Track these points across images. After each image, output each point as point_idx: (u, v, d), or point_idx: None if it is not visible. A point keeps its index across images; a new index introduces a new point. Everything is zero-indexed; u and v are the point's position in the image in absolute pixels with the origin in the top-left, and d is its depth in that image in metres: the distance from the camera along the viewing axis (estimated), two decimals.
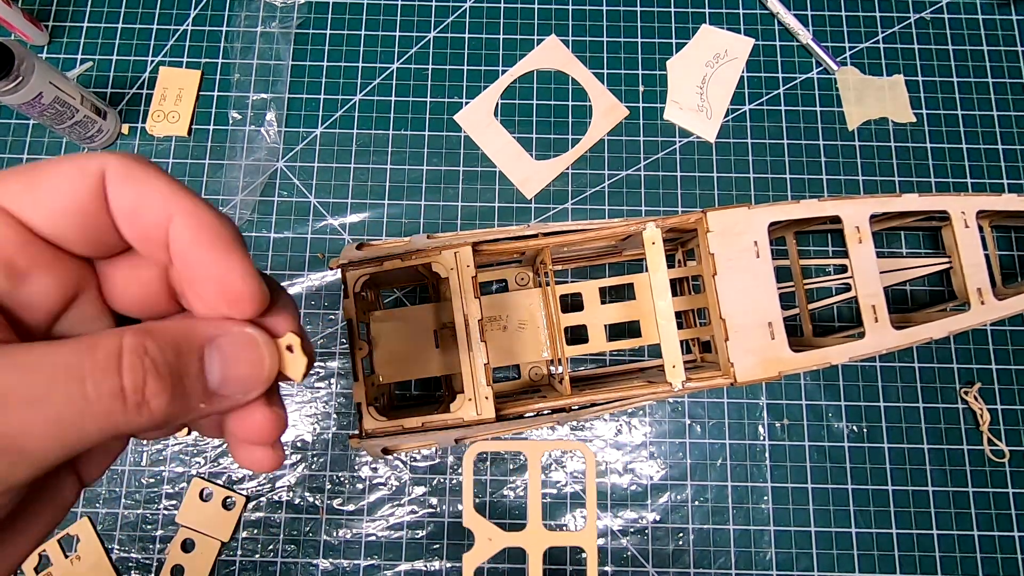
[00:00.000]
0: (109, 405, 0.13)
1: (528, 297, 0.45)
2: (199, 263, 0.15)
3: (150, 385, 0.14)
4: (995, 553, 0.45)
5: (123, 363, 0.14)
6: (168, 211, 0.15)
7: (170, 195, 0.15)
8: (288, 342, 0.17)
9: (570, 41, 0.53)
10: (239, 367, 0.16)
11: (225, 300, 0.16)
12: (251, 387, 0.16)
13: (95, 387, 0.13)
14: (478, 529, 0.22)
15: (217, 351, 0.16)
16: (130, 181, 0.15)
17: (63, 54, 0.52)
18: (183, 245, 0.15)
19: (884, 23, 0.53)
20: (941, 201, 0.39)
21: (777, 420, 0.47)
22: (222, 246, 0.16)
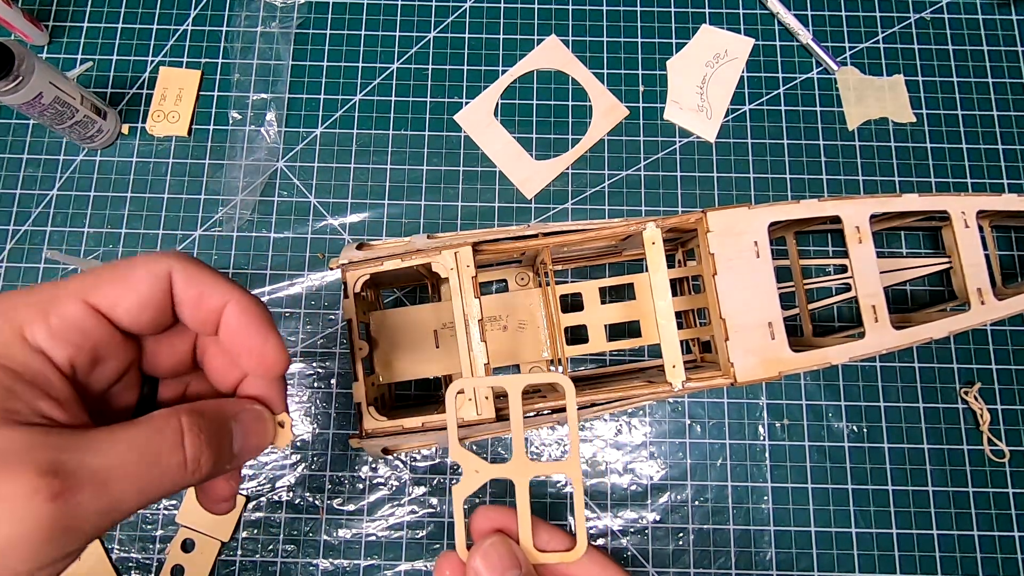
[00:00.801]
0: (175, 471, 0.18)
1: (528, 297, 0.45)
2: (245, 338, 0.21)
3: (204, 455, 0.19)
4: (995, 553, 0.45)
5: (185, 441, 0.19)
6: (224, 300, 0.21)
7: (225, 288, 0.21)
8: (281, 419, 0.23)
9: (570, 41, 0.53)
10: (253, 437, 0.22)
11: (262, 368, 0.21)
12: (258, 451, 0.22)
13: (167, 461, 0.18)
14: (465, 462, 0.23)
15: (239, 424, 0.21)
16: (193, 279, 0.20)
17: (63, 54, 0.52)
18: (235, 326, 0.21)
19: (884, 23, 0.53)
20: (941, 201, 0.39)
21: (777, 420, 0.47)
22: (264, 327, 0.21)
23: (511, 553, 0.22)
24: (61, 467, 0.16)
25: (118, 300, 0.19)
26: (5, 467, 0.15)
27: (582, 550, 0.23)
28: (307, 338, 0.48)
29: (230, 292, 0.21)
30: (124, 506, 0.17)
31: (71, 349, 0.18)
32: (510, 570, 0.22)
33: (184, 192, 0.50)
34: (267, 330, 0.21)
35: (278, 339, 0.21)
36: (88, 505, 0.16)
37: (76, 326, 0.18)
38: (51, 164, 0.50)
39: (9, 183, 0.50)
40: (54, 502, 0.15)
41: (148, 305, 0.20)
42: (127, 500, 0.17)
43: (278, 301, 0.48)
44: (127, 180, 0.50)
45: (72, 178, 0.50)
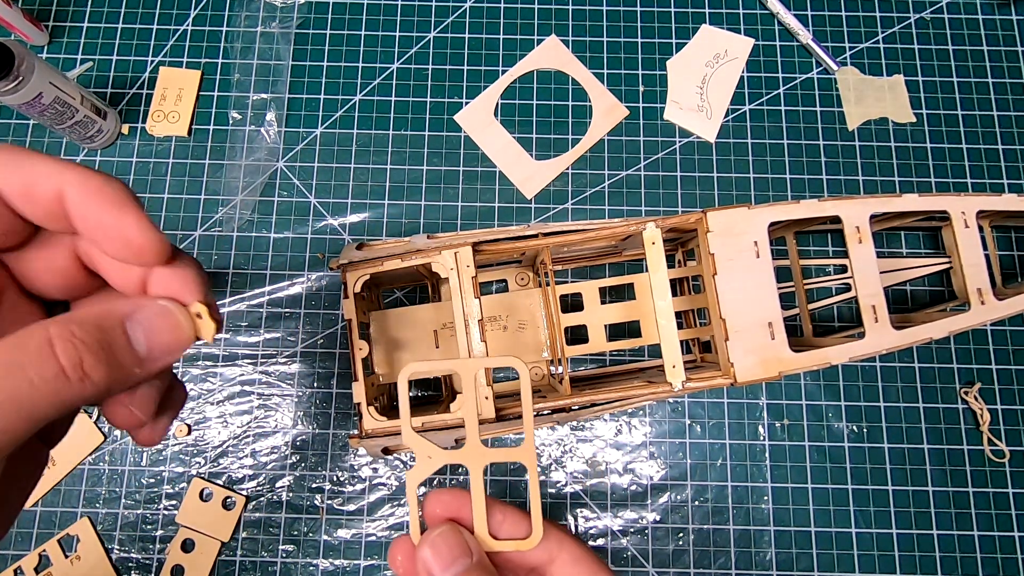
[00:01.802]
0: (56, 385, 0.16)
1: (528, 297, 0.45)
2: (97, 223, 0.17)
3: (86, 360, 0.16)
4: (995, 553, 0.45)
5: (56, 348, 0.16)
6: (58, 182, 0.17)
7: (56, 169, 0.17)
8: (196, 310, 0.20)
9: (570, 41, 0.53)
10: (160, 335, 0.19)
11: (129, 253, 0.18)
12: (175, 348, 0.19)
13: (37, 373, 0.16)
14: (418, 448, 0.23)
15: (138, 324, 0.18)
16: (14, 166, 0.17)
17: (63, 54, 0.52)
18: (78, 209, 0.17)
19: (884, 23, 0.53)
20: (941, 201, 0.39)
21: (777, 420, 0.47)
22: (114, 203, 0.17)
23: (461, 542, 0.22)
24: None
25: None
26: None
27: (537, 538, 0.22)
28: (307, 338, 0.48)
29: (64, 172, 0.17)
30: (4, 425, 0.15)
31: None
32: (460, 559, 0.21)
33: (184, 192, 0.50)
34: (120, 206, 0.18)
35: (140, 216, 0.18)
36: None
37: None
38: None
39: None
40: None
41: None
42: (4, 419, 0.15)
43: (278, 301, 0.48)
44: (127, 180, 0.50)
45: None
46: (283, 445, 0.47)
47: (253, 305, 0.48)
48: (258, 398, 0.47)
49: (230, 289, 0.48)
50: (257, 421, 0.47)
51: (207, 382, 0.47)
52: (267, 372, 0.48)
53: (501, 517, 0.23)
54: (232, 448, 0.47)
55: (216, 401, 0.47)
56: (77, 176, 0.17)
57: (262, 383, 0.47)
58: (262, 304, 0.48)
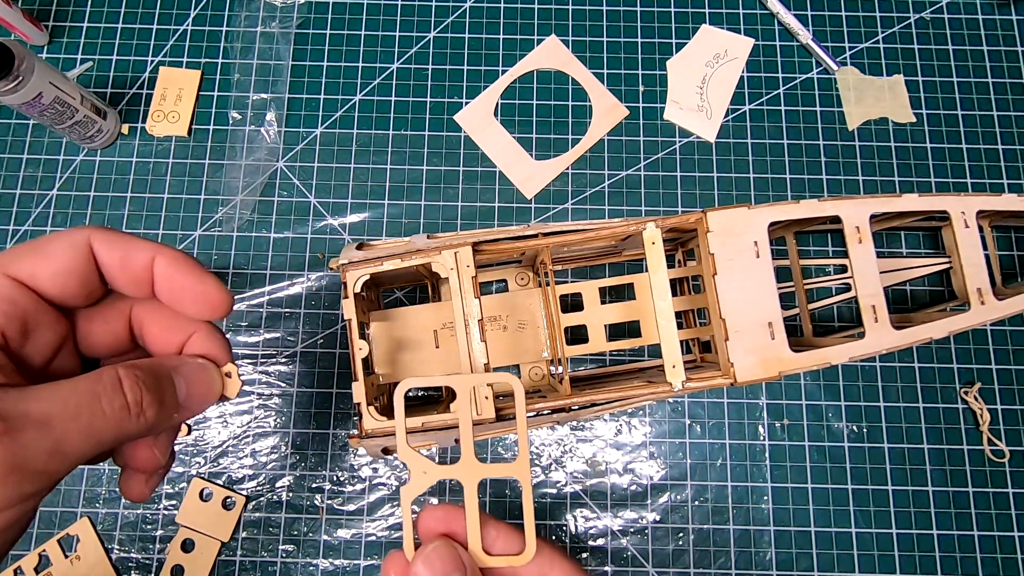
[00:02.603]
0: (120, 415, 0.19)
1: (528, 297, 0.45)
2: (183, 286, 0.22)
3: (145, 399, 0.20)
4: (995, 553, 0.45)
5: (124, 386, 0.19)
6: (150, 255, 0.21)
7: (149, 245, 0.22)
8: (227, 370, 0.24)
9: (570, 41, 0.53)
10: (198, 386, 0.22)
11: (208, 308, 0.22)
12: (208, 399, 0.23)
13: (109, 404, 0.19)
14: (412, 463, 0.23)
15: (182, 376, 0.22)
16: (114, 242, 0.21)
17: (63, 54, 0.52)
18: (169, 274, 0.22)
19: (884, 23, 0.53)
20: (941, 201, 0.39)
21: (777, 420, 0.47)
22: (198, 270, 0.22)
23: (454, 557, 0.22)
24: (3, 411, 0.17)
25: (36, 270, 0.20)
26: None
27: (531, 554, 0.23)
28: (307, 338, 0.48)
29: (154, 248, 0.22)
30: (70, 447, 0.18)
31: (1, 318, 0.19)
32: (453, 574, 0.22)
33: (184, 192, 0.50)
34: (201, 272, 0.22)
35: (215, 278, 0.22)
36: (34, 445, 0.17)
37: (1, 296, 0.19)
38: (51, 164, 0.50)
39: (9, 183, 0.50)
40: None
41: (70, 272, 0.20)
42: (72, 440, 0.18)
43: (278, 301, 0.48)
44: (127, 180, 0.50)
45: (72, 178, 0.50)
46: (283, 445, 0.47)
47: (253, 305, 0.48)
48: (258, 398, 0.47)
49: (230, 289, 0.48)
50: (257, 421, 0.47)
51: None
52: (267, 372, 0.48)
53: (495, 533, 0.23)
54: (232, 448, 0.47)
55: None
56: (166, 249, 0.22)
57: (262, 383, 0.47)
58: (262, 304, 0.48)
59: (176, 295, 0.22)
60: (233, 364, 0.24)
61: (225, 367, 0.23)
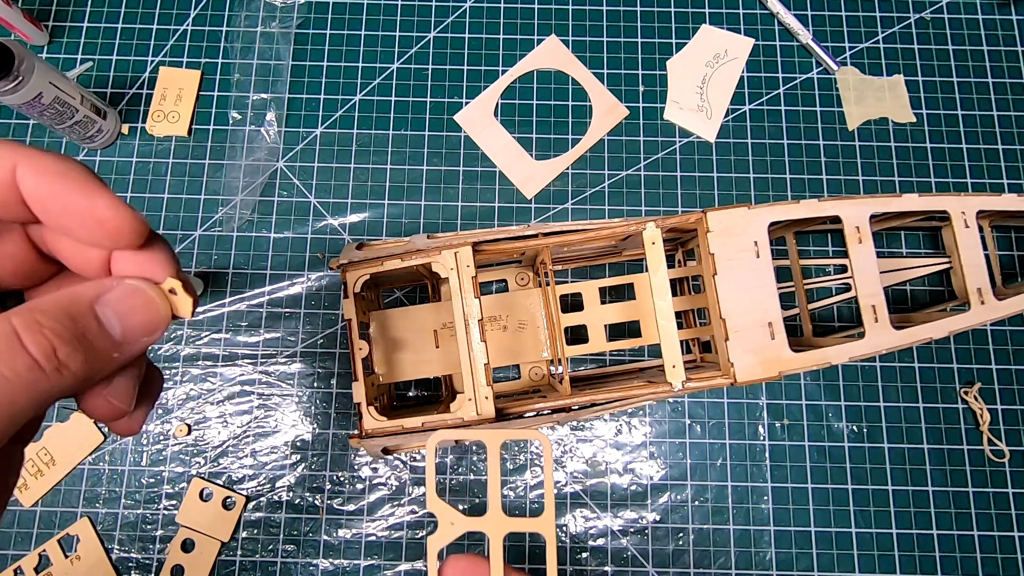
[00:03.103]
0: (30, 377, 0.15)
1: (528, 297, 0.45)
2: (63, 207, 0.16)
3: (60, 349, 0.15)
4: (995, 553, 0.45)
5: (24, 340, 0.15)
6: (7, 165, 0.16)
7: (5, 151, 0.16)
8: (170, 286, 0.18)
9: (570, 41, 0.53)
10: (134, 315, 0.17)
11: (103, 235, 0.17)
12: (152, 328, 0.18)
13: (8, 367, 0.14)
14: (440, 513, 0.23)
15: (107, 306, 0.17)
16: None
17: (63, 54, 0.52)
18: (39, 193, 0.16)
19: (884, 23, 0.53)
20: (941, 201, 0.39)
21: (777, 420, 0.47)
22: (80, 184, 0.16)
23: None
24: None
25: None
26: None
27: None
28: (307, 338, 0.48)
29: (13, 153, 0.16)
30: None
31: None
32: None
33: (184, 192, 0.50)
34: (86, 185, 0.16)
35: (109, 195, 0.16)
36: None
37: None
38: None
39: None
40: None
41: None
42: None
43: (278, 301, 0.48)
44: (127, 180, 0.50)
45: None
46: (283, 445, 0.47)
47: (253, 305, 0.48)
48: (258, 398, 0.47)
49: (230, 289, 0.48)
50: (257, 421, 0.47)
51: (207, 382, 0.47)
52: (267, 372, 0.48)
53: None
54: (232, 448, 0.47)
55: (216, 401, 0.47)
56: (27, 157, 0.16)
57: (262, 383, 0.47)
58: (262, 304, 0.48)
59: (56, 219, 0.16)
60: (177, 277, 0.18)
61: (166, 283, 0.18)
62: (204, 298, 0.48)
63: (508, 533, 0.22)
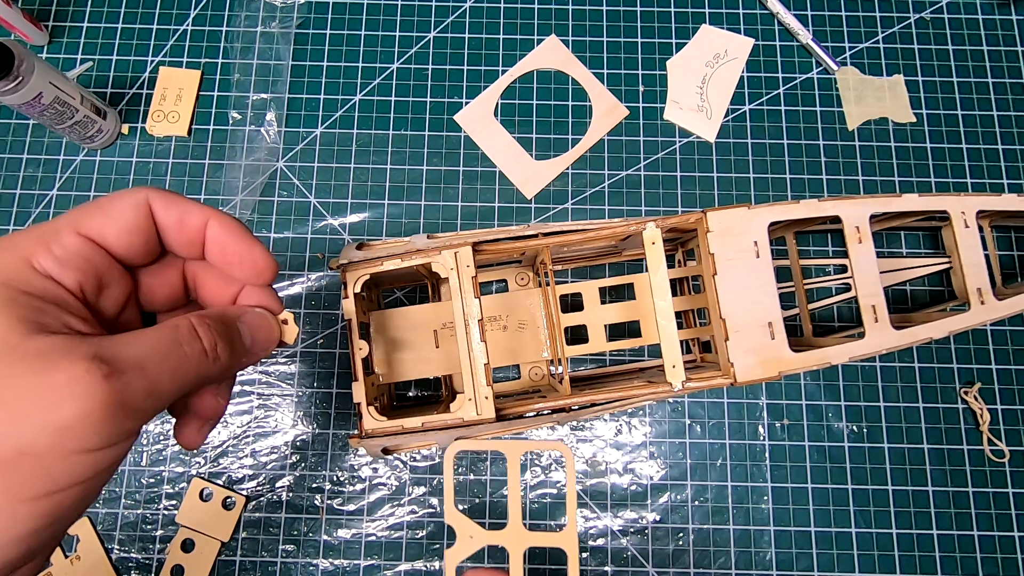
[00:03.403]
0: (199, 358, 0.21)
1: (528, 297, 0.45)
2: (233, 251, 0.23)
3: (219, 345, 0.22)
4: (995, 553, 0.45)
5: (199, 332, 0.21)
6: (204, 218, 0.23)
7: (203, 208, 0.23)
8: (284, 318, 0.26)
9: (570, 41, 0.53)
10: (260, 332, 0.24)
11: (253, 272, 0.24)
12: (269, 345, 0.25)
13: (190, 348, 0.21)
14: (459, 527, 0.23)
15: (245, 323, 0.24)
16: (172, 202, 0.22)
17: (63, 54, 0.52)
18: (220, 238, 0.23)
19: (884, 23, 0.53)
20: (941, 201, 0.39)
21: (777, 420, 0.47)
22: (247, 236, 0.24)
23: None
24: (104, 355, 0.18)
25: (104, 228, 0.21)
26: (54, 362, 0.17)
27: None
28: (307, 338, 0.48)
29: (208, 211, 0.23)
30: (162, 387, 0.19)
31: (78, 274, 0.20)
32: None
33: (184, 192, 0.50)
34: (250, 239, 0.24)
35: (262, 246, 0.24)
36: (134, 384, 0.18)
37: (77, 253, 0.20)
38: (51, 164, 0.50)
39: (9, 183, 0.50)
40: (107, 380, 0.17)
41: (133, 231, 0.22)
42: (164, 381, 0.19)
43: None
44: (127, 180, 0.50)
45: (72, 178, 0.50)
46: (283, 445, 0.47)
47: None
48: (258, 398, 0.47)
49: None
50: (257, 421, 0.47)
51: None
52: (267, 372, 0.48)
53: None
54: (232, 448, 0.47)
55: None
56: (219, 213, 0.23)
57: (262, 383, 0.47)
58: None
59: (226, 258, 0.23)
60: (288, 312, 0.25)
61: (281, 315, 0.25)
62: None
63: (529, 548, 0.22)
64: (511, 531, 0.22)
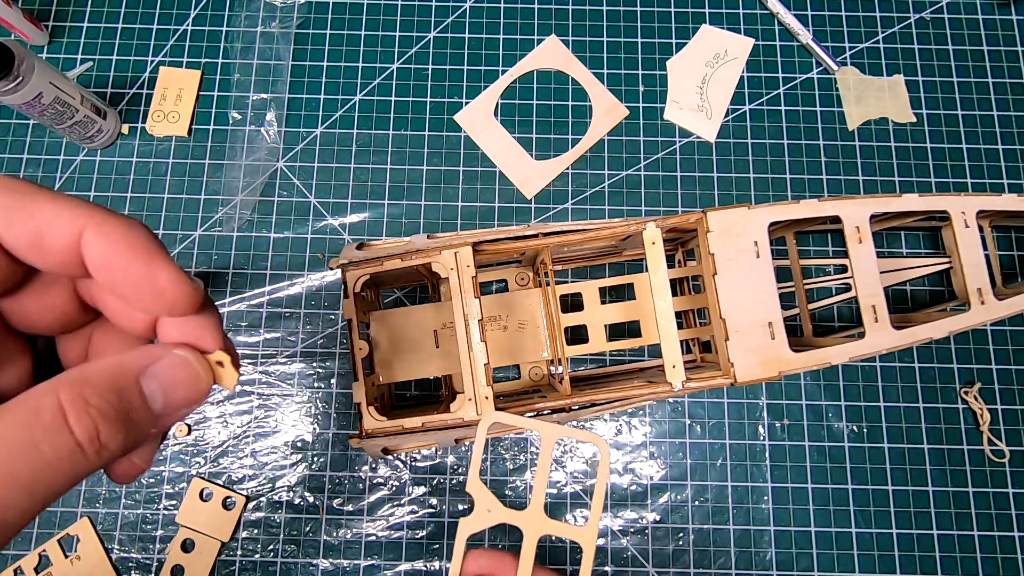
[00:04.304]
0: (70, 459, 0.14)
1: (528, 297, 0.45)
2: (123, 275, 0.16)
3: (103, 431, 0.14)
4: (995, 553, 0.45)
5: (69, 420, 0.14)
6: (74, 229, 0.15)
7: (70, 214, 0.15)
8: (218, 358, 0.17)
9: (570, 41, 0.53)
10: (178, 390, 0.16)
11: (160, 305, 0.16)
12: (193, 402, 0.17)
13: (52, 449, 0.14)
14: (479, 497, 0.22)
15: (154, 379, 0.16)
16: (20, 210, 0.15)
17: (63, 54, 0.52)
18: (100, 258, 0.15)
19: (884, 23, 0.53)
20: (941, 201, 0.39)
21: (777, 420, 0.47)
22: (141, 252, 0.16)
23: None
24: None
25: None
26: None
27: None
28: (307, 338, 0.48)
29: (82, 216, 0.15)
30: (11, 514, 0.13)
31: None
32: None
33: (184, 192, 0.50)
34: (150, 255, 0.16)
35: (169, 265, 0.16)
36: None
37: None
38: (51, 164, 0.50)
39: None
40: None
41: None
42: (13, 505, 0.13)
43: (278, 301, 0.48)
44: (127, 180, 0.50)
45: (72, 178, 0.50)
46: (283, 445, 0.47)
47: (253, 305, 0.48)
48: (258, 398, 0.47)
49: (230, 289, 0.48)
50: (257, 421, 0.47)
51: None
52: (267, 372, 0.48)
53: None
54: (232, 448, 0.47)
55: (216, 401, 0.47)
56: (96, 222, 0.15)
57: (262, 383, 0.47)
58: (262, 304, 0.48)
59: (116, 285, 0.16)
60: (224, 350, 0.17)
61: (214, 354, 0.17)
62: None
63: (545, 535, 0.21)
64: (531, 514, 0.22)
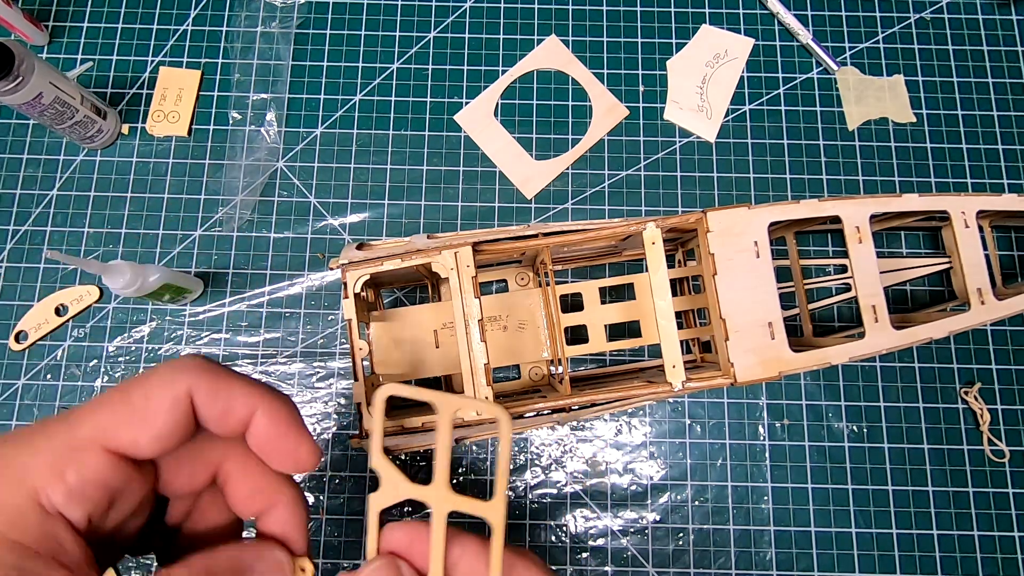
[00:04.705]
0: None
1: (528, 297, 0.45)
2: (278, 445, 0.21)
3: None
4: (995, 553, 0.45)
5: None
6: (250, 410, 0.20)
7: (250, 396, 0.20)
8: (303, 564, 0.22)
9: (570, 41, 0.53)
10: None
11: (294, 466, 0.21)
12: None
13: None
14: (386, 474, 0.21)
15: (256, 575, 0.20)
16: (217, 393, 0.19)
17: (63, 54, 0.52)
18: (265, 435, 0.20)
19: (884, 23, 0.53)
20: (941, 201, 0.39)
21: (777, 420, 0.47)
22: (295, 430, 0.21)
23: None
24: None
25: (138, 437, 0.18)
26: None
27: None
28: (307, 338, 0.48)
29: (256, 399, 0.20)
30: None
31: (89, 505, 0.17)
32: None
33: (184, 192, 0.50)
34: (298, 433, 0.21)
35: (309, 439, 0.21)
36: None
37: (96, 480, 0.17)
38: (51, 164, 0.50)
39: (9, 183, 0.50)
40: None
41: (171, 434, 0.19)
42: None
43: (278, 301, 0.48)
44: (127, 180, 0.50)
45: (72, 178, 0.50)
46: None
47: (253, 305, 0.48)
48: None
49: (230, 289, 0.48)
50: None
51: None
52: (267, 372, 0.48)
53: (459, 551, 0.21)
54: None
55: None
56: (269, 402, 0.20)
57: None
58: (262, 304, 0.48)
59: (267, 452, 0.21)
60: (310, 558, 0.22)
61: (301, 561, 0.22)
62: (204, 298, 0.48)
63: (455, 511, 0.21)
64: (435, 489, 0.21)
